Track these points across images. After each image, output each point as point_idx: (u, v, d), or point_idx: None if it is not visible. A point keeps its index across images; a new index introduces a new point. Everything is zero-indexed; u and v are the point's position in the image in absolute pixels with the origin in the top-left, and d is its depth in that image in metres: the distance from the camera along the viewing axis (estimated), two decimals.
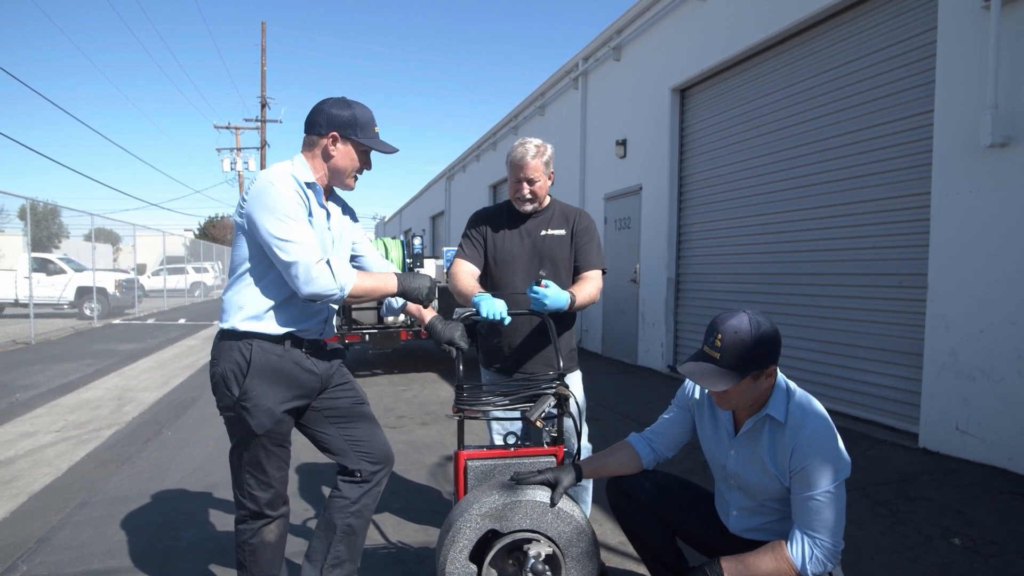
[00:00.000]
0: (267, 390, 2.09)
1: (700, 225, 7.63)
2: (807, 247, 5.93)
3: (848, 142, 5.49)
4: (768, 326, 1.90)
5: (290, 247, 1.96)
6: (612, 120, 9.51)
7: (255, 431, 2.08)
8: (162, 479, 4.09)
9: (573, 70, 10.77)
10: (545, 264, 2.72)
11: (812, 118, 5.89)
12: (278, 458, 2.16)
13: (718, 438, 2.14)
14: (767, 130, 6.47)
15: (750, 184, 6.71)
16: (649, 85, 8.44)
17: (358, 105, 2.17)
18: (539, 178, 2.71)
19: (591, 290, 2.67)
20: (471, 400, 2.24)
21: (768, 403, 1.97)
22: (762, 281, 6.47)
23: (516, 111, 13.84)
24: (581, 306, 2.61)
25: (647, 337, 8.46)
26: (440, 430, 5.27)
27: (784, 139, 6.23)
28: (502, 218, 2.81)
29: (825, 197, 5.72)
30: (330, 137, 2.14)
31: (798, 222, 6.04)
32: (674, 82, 7.89)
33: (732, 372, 1.88)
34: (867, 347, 5.27)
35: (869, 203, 5.28)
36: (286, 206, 1.99)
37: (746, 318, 1.89)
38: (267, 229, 1.97)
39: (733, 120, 7.01)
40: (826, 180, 5.71)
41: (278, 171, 2.07)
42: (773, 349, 1.90)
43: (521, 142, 2.73)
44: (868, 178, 5.29)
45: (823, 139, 5.75)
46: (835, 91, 5.63)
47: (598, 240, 2.83)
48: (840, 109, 5.58)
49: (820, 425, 1.89)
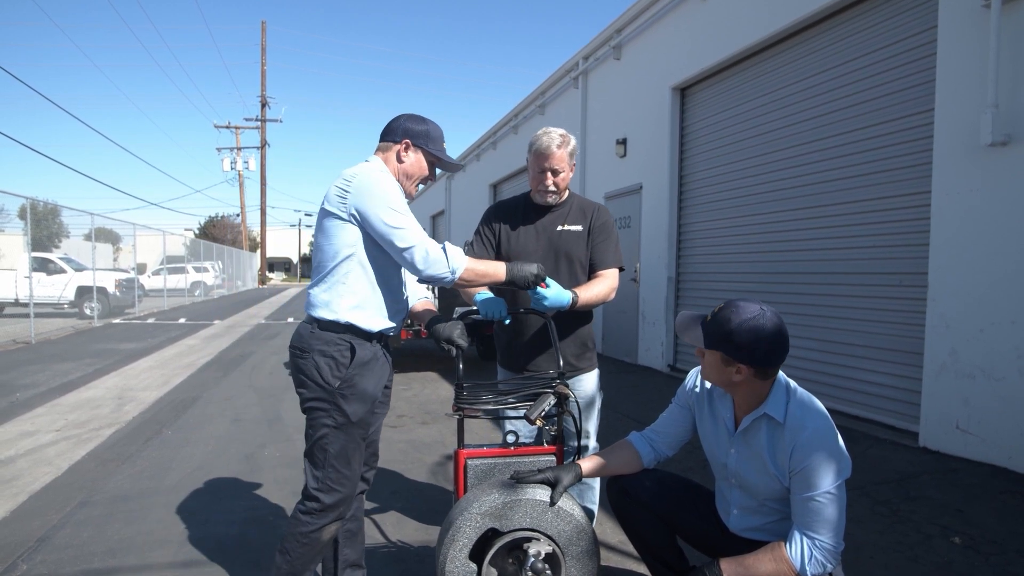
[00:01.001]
0: (365, 381, 2.18)
1: (700, 224, 7.63)
2: (807, 246, 5.93)
3: (848, 141, 5.49)
4: (765, 329, 1.87)
5: (405, 234, 2.09)
6: (612, 119, 9.50)
7: (351, 418, 2.15)
8: (162, 478, 4.09)
9: (573, 69, 10.77)
10: (561, 261, 2.67)
11: (812, 117, 5.89)
12: (360, 452, 2.23)
13: (718, 436, 2.14)
14: (767, 129, 6.47)
15: (750, 183, 6.71)
16: (649, 84, 8.44)
17: (431, 122, 2.34)
18: (563, 169, 2.65)
19: (602, 289, 2.61)
20: (471, 399, 2.24)
21: (766, 401, 1.97)
22: (762, 280, 6.48)
23: (516, 110, 13.84)
24: (587, 305, 2.57)
25: (647, 336, 8.46)
26: (440, 429, 5.27)
27: (784, 138, 6.23)
28: (518, 212, 2.76)
29: (825, 196, 5.72)
30: (404, 144, 2.29)
31: (798, 221, 6.04)
32: (674, 81, 7.89)
33: (706, 336, 1.96)
34: (867, 346, 5.27)
35: (869, 202, 5.28)
36: (394, 198, 2.12)
37: (755, 308, 1.90)
38: (381, 219, 2.08)
39: (733, 119, 7.01)
40: (826, 179, 5.71)
41: (376, 168, 2.21)
42: (750, 348, 1.88)
43: (545, 131, 2.68)
44: (868, 177, 5.29)
45: (823, 138, 5.75)
46: (835, 90, 5.63)
47: (616, 237, 2.77)
48: (840, 108, 5.58)
49: (820, 425, 1.89)
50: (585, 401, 2.73)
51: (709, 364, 2.00)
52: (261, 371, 8.27)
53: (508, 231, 2.73)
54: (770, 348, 1.89)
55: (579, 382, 2.74)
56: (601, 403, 2.88)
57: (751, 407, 2.00)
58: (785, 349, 1.91)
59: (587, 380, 2.76)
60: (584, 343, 2.75)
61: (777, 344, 1.89)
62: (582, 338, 2.74)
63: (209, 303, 22.82)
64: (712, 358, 1.97)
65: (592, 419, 2.79)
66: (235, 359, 9.33)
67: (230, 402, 6.37)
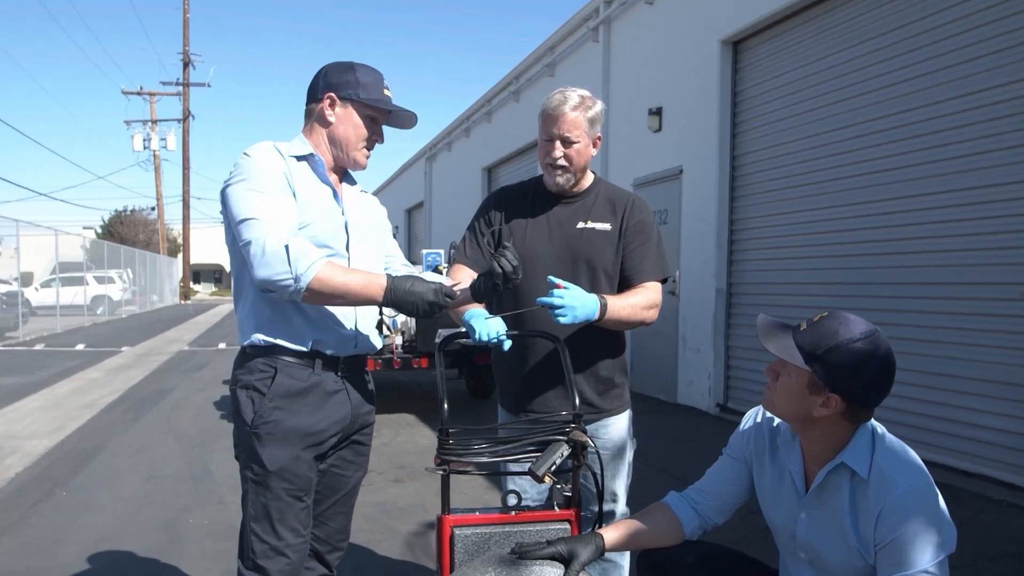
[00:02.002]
0: (292, 417, 2.17)
1: (759, 220, 7.66)
2: (901, 248, 5.94)
3: (960, 109, 5.46)
4: (875, 356, 1.87)
5: (250, 225, 2.05)
6: (643, 82, 9.55)
7: (267, 466, 2.14)
8: (55, 553, 4.07)
9: (592, 17, 10.84)
10: (580, 269, 2.63)
11: (912, 77, 5.85)
12: (294, 515, 2.20)
13: (784, 497, 2.13)
14: (849, 95, 6.48)
15: (826, 166, 6.73)
16: (692, 36, 8.50)
17: (362, 65, 2.29)
18: (578, 138, 2.60)
19: (639, 301, 2.56)
20: (459, 449, 2.24)
21: (845, 449, 1.97)
22: (840, 293, 6.48)
23: (518, 71, 13.91)
24: (619, 321, 2.51)
25: (690, 367, 8.46)
26: (419, 489, 5.26)
27: (872, 106, 6.23)
28: (527, 201, 2.74)
29: (927, 183, 5.71)
30: (327, 99, 2.25)
31: (889, 215, 6.05)
32: (724, 33, 7.94)
33: (799, 351, 1.92)
34: (979, 379, 5.27)
35: (985, 190, 5.27)
36: (254, 178, 2.10)
37: (868, 328, 1.90)
38: (234, 207, 2.08)
39: (804, 82, 7.04)
40: (928, 160, 5.70)
41: (262, 147, 2.20)
42: (852, 375, 1.89)
43: (560, 90, 2.67)
44: (985, 157, 5.27)
45: (925, 105, 5.72)
46: (944, 40, 5.57)
47: (658, 238, 2.72)
48: (951, 65, 5.52)
49: (916, 482, 1.89)
50: (611, 453, 2.72)
51: (787, 388, 1.98)
52: (184, 413, 8.24)
53: (511, 227, 2.71)
54: (874, 381, 1.90)
55: (604, 428, 2.73)
56: (633, 456, 2.87)
57: (826, 457, 2.00)
58: (888, 387, 1.93)
59: (615, 425, 2.75)
60: (611, 377, 2.72)
61: (884, 378, 1.91)
62: (609, 369, 2.71)
63: (116, 324, 22.79)
64: (794, 380, 1.96)
65: (620, 477, 2.78)
66: (150, 397, 9.30)
67: (143, 453, 6.36)
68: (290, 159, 2.20)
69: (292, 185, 2.16)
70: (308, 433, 2.20)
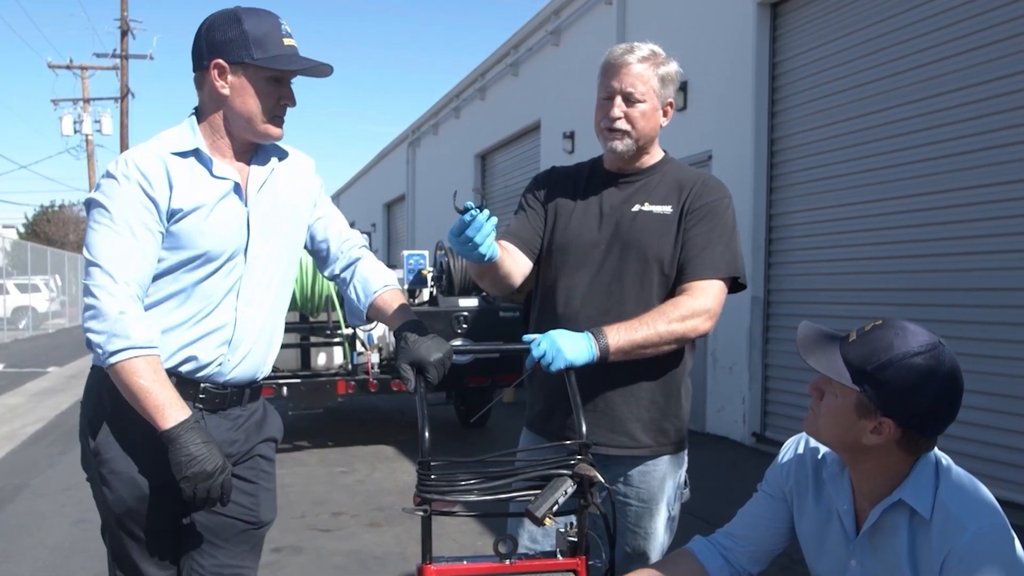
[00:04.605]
0: (131, 449, 2.15)
1: (802, 215, 7.67)
2: (968, 249, 5.94)
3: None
4: (938, 373, 1.85)
5: (94, 273, 2.09)
6: (665, 51, 9.55)
7: (112, 508, 2.14)
8: None
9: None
10: (629, 260, 2.53)
11: (987, 43, 5.81)
12: (156, 558, 2.22)
13: (831, 541, 2.13)
14: (910, 64, 6.47)
15: (881, 150, 6.74)
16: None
17: (252, 12, 2.20)
18: (644, 96, 2.54)
19: (666, 314, 2.41)
20: (442, 485, 2.23)
21: (903, 484, 1.96)
22: (897, 301, 6.48)
23: (516, 40, 13.95)
24: (637, 345, 2.37)
25: (721, 389, 8.46)
26: (398, 533, 5.26)
27: (937, 79, 6.23)
28: (580, 180, 2.72)
29: (997, 170, 5.72)
30: (214, 67, 2.17)
31: (954, 209, 6.05)
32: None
33: (846, 366, 1.90)
34: None
35: None
36: (114, 209, 2.10)
37: (930, 339, 1.87)
38: (86, 239, 2.14)
39: (856, 50, 7.05)
40: (1003, 143, 5.69)
41: (131, 155, 2.17)
42: (909, 396, 1.88)
43: (627, 44, 2.63)
44: None
45: (1000, 78, 5.71)
46: None
47: (729, 226, 2.64)
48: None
49: (988, 524, 1.88)
50: (647, 503, 2.67)
51: (832, 411, 1.97)
52: None
53: (559, 209, 2.68)
54: (936, 402, 1.88)
55: (645, 472, 2.64)
56: (679, 510, 2.80)
57: (880, 494, 2.00)
58: (954, 412, 1.91)
59: (658, 470, 2.66)
60: (663, 406, 2.59)
61: (948, 401, 1.89)
62: (663, 394, 2.60)
63: (41, 340, 22.78)
64: (840, 401, 1.94)
65: (654, 536, 2.70)
66: None
67: (71, 493, 6.32)
68: (172, 158, 2.16)
69: (170, 196, 2.14)
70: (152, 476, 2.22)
